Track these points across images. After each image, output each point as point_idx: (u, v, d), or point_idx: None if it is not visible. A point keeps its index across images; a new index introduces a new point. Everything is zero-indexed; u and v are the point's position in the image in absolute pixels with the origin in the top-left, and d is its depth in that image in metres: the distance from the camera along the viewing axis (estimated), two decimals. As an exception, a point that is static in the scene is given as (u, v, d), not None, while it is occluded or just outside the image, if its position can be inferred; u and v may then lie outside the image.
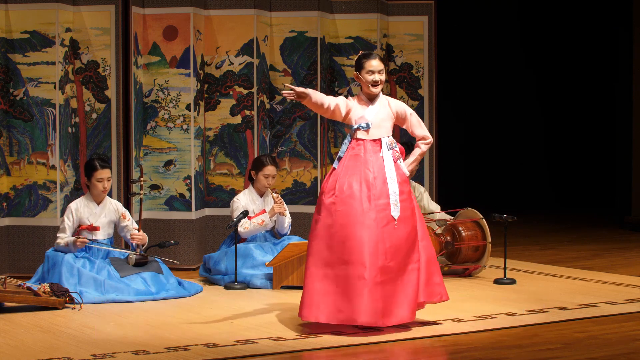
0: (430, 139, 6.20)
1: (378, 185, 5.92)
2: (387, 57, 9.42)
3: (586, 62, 14.03)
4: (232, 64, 8.81)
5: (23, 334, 5.89)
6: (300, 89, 5.93)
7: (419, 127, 6.17)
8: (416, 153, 6.16)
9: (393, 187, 5.95)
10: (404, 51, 9.48)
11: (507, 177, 14.00)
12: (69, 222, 7.24)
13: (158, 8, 8.57)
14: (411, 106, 9.44)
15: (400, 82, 9.49)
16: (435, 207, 8.51)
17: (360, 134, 6.02)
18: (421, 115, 9.46)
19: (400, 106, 6.14)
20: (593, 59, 13.99)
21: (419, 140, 6.18)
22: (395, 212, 5.92)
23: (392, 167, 5.99)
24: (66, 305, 6.68)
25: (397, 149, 6.08)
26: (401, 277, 5.90)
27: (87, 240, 7.14)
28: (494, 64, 13.89)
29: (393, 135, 6.11)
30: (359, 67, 6.08)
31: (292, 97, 5.92)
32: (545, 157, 14.35)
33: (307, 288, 5.93)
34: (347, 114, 6.06)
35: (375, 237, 5.83)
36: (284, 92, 5.94)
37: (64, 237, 7.19)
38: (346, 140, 6.06)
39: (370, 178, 5.93)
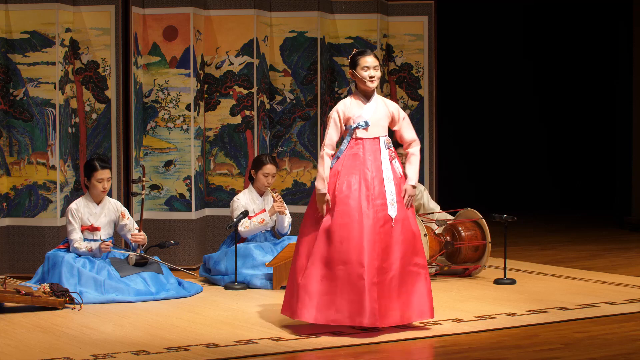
0: (419, 142, 6.19)
1: (376, 185, 5.92)
2: (387, 57, 9.42)
3: (586, 62, 14.02)
4: (232, 64, 8.81)
5: (23, 334, 5.89)
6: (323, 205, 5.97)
7: (409, 131, 6.15)
8: (415, 162, 6.09)
9: (390, 187, 5.94)
10: (404, 51, 9.48)
11: (507, 177, 13.98)
12: (75, 225, 7.22)
13: (158, 8, 8.57)
14: (411, 106, 9.46)
15: (400, 82, 9.49)
16: (434, 205, 8.52)
17: (359, 133, 6.03)
18: (421, 116, 9.46)
19: (395, 107, 6.15)
20: (593, 59, 13.98)
21: (410, 143, 6.13)
22: (393, 212, 5.91)
23: (388, 167, 5.99)
24: (66, 305, 6.68)
25: (393, 148, 6.09)
26: (397, 278, 5.87)
27: (111, 245, 7.15)
28: (494, 64, 13.87)
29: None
30: (353, 64, 6.08)
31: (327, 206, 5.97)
32: (545, 157, 14.33)
33: (305, 288, 5.86)
34: (346, 122, 6.06)
35: (372, 237, 5.82)
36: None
37: (81, 242, 7.16)
38: (345, 140, 6.06)
39: (369, 177, 5.93)
